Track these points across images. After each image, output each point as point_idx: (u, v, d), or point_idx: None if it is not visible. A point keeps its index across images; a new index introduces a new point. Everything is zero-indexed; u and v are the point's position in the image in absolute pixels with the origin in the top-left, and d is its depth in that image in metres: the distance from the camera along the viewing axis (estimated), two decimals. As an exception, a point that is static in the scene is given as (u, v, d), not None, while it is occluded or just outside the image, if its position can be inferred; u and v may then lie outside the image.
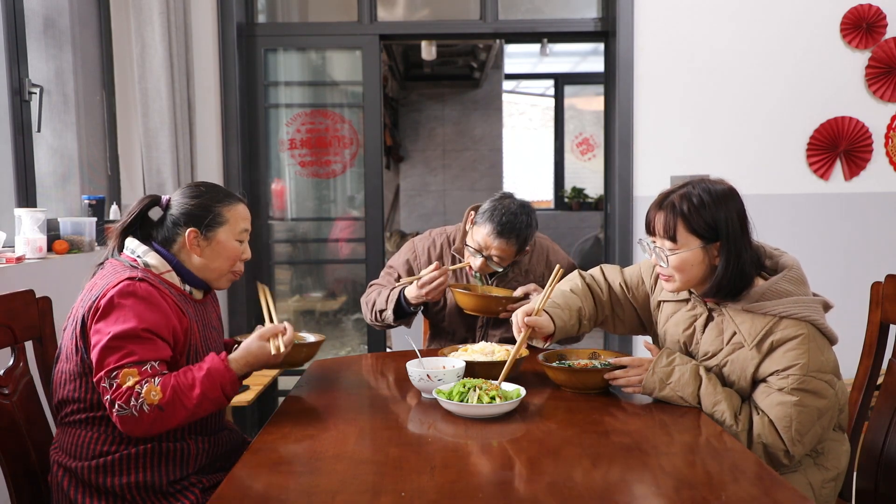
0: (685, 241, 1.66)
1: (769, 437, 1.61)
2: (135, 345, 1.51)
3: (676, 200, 1.68)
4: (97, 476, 1.57)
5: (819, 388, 1.60)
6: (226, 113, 3.53)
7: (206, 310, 1.78)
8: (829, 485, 1.71)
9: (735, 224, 1.65)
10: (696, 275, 1.69)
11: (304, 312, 4.08)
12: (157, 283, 1.60)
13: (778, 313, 1.62)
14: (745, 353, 1.66)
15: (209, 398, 1.53)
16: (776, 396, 1.61)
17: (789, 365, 1.59)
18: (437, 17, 4.12)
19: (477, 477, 1.33)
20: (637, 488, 1.28)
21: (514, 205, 2.25)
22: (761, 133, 3.45)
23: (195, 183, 1.77)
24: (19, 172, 2.53)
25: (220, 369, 1.56)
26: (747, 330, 1.65)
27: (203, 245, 1.70)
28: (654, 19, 3.43)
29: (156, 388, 1.48)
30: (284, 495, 1.26)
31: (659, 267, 1.73)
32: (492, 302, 2.22)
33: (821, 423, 1.63)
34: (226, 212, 1.72)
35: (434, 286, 2.23)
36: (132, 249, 1.68)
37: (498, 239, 2.23)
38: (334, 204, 3.94)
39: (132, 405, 1.47)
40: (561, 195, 7.90)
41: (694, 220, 1.65)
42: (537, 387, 1.87)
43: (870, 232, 3.45)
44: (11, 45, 2.49)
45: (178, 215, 1.70)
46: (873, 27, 3.38)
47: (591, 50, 7.14)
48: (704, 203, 1.65)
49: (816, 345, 1.61)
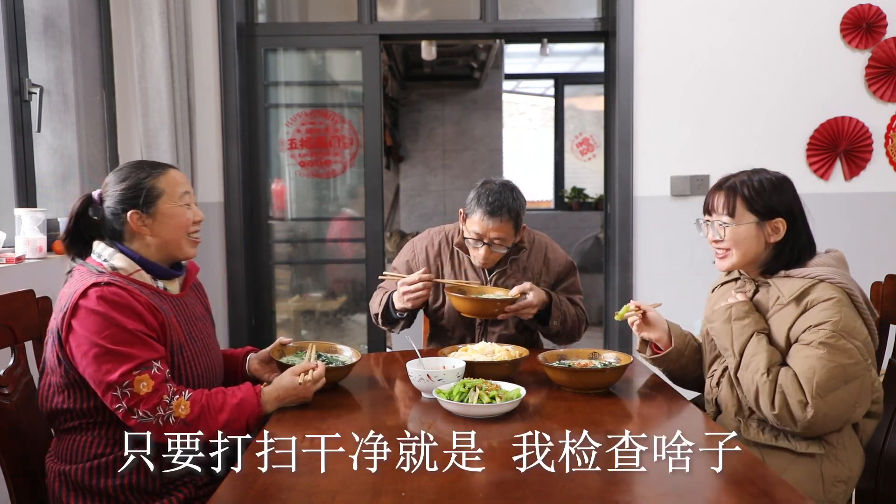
0: (742, 216, 1.78)
1: (790, 387, 1.63)
2: (129, 348, 1.51)
3: (737, 183, 1.80)
4: (90, 478, 1.57)
5: (847, 348, 1.63)
6: (226, 113, 3.53)
7: (187, 303, 1.75)
8: (839, 485, 1.69)
9: (797, 204, 1.79)
10: (752, 250, 1.79)
11: (304, 312, 4.08)
12: (125, 285, 1.58)
13: (817, 276, 1.71)
14: (783, 311, 1.73)
15: (232, 427, 1.55)
16: (804, 350, 1.66)
17: (822, 321, 1.65)
18: (437, 17, 4.12)
19: (477, 477, 1.33)
20: (637, 488, 1.28)
21: (496, 185, 2.28)
22: (761, 133, 3.45)
23: (118, 167, 1.73)
24: (19, 172, 2.53)
25: (253, 403, 1.60)
26: (787, 289, 1.74)
27: (149, 223, 1.66)
28: (654, 19, 3.43)
29: (185, 402, 1.51)
30: (284, 495, 1.26)
31: (714, 243, 1.83)
32: (488, 304, 2.21)
33: (848, 389, 1.63)
34: (158, 183, 1.67)
35: (415, 295, 2.23)
36: (98, 253, 1.65)
37: (491, 220, 2.23)
38: (334, 204, 3.94)
39: (158, 415, 1.49)
40: (561, 195, 7.90)
41: (753, 199, 1.77)
42: (537, 387, 1.87)
43: (870, 232, 3.45)
44: (11, 45, 2.50)
45: (113, 205, 1.66)
46: (873, 27, 3.37)
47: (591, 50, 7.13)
48: (764, 185, 1.78)
49: (850, 312, 1.67)
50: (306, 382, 1.68)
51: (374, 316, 2.45)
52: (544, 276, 2.39)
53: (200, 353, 1.72)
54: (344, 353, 1.99)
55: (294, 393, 1.67)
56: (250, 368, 1.91)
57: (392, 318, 2.38)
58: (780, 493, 1.25)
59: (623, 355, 1.94)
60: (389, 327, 2.42)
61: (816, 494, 1.66)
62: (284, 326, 4.03)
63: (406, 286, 2.25)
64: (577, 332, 2.39)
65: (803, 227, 1.79)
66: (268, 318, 3.82)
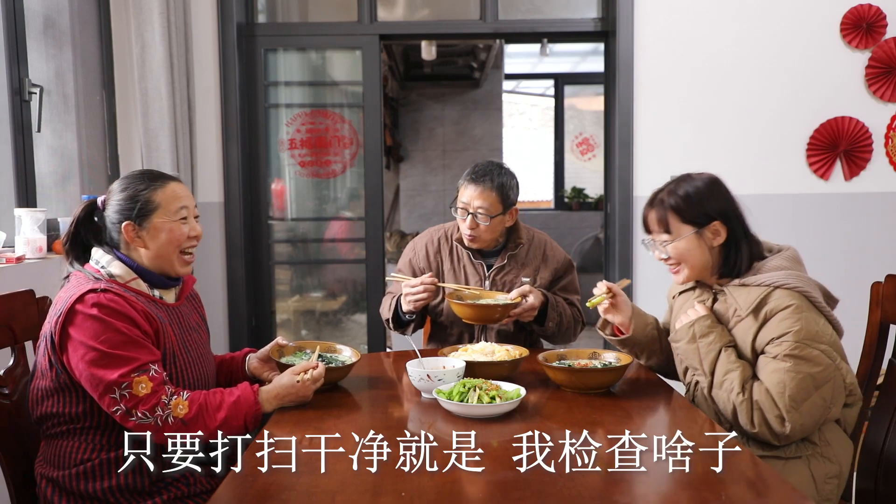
0: (679, 230, 1.78)
1: (766, 403, 1.64)
2: (125, 352, 1.51)
3: (665, 196, 1.80)
4: (79, 483, 1.57)
5: (812, 355, 1.63)
6: (226, 113, 3.53)
7: (182, 313, 1.76)
8: (831, 481, 1.70)
9: (730, 204, 1.78)
10: (699, 260, 1.79)
11: (304, 312, 4.08)
12: (121, 292, 1.58)
13: (771, 283, 1.70)
14: (743, 324, 1.73)
15: (230, 425, 1.55)
16: (771, 364, 1.66)
17: (783, 332, 1.65)
18: (437, 17, 4.12)
19: (477, 477, 1.33)
20: (637, 488, 1.28)
21: (485, 161, 2.37)
22: (761, 133, 3.45)
23: (123, 175, 1.73)
24: (19, 172, 2.53)
25: (250, 401, 1.59)
26: (743, 300, 1.73)
27: (143, 235, 1.66)
28: (654, 19, 3.43)
29: (184, 401, 1.51)
30: (284, 495, 1.26)
31: (663, 260, 1.82)
32: (489, 310, 2.20)
33: (821, 394, 1.64)
34: (155, 196, 1.67)
35: (415, 297, 2.25)
36: (97, 260, 1.65)
37: (474, 186, 2.28)
38: (334, 204, 3.94)
39: (157, 415, 1.49)
40: (561, 195, 7.90)
41: (683, 210, 1.77)
42: (537, 387, 1.87)
43: (870, 232, 3.45)
44: (11, 45, 2.50)
45: (112, 213, 1.67)
46: (873, 27, 3.37)
47: (591, 50, 7.13)
48: (690, 193, 1.77)
49: (810, 315, 1.66)
50: (305, 381, 1.68)
51: (385, 321, 2.48)
52: (542, 273, 2.39)
53: (194, 363, 1.72)
54: (343, 352, 1.99)
55: (293, 392, 1.67)
56: (250, 367, 1.91)
57: (402, 320, 2.39)
58: (780, 493, 1.25)
59: (623, 355, 1.94)
60: (402, 330, 2.43)
61: (810, 494, 1.66)
62: (284, 326, 4.03)
63: (408, 288, 2.27)
64: (573, 333, 2.39)
65: (741, 225, 1.78)
66: (268, 318, 3.82)
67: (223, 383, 1.91)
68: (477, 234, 2.32)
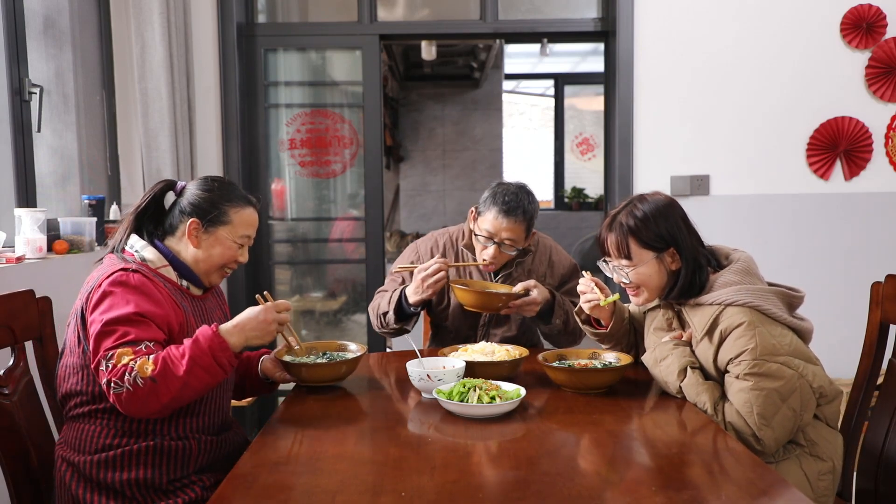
0: (639, 256, 1.79)
1: (738, 424, 1.65)
2: (128, 327, 1.52)
3: (623, 220, 1.80)
4: (99, 471, 1.58)
5: (773, 370, 1.63)
6: (226, 113, 3.53)
7: (206, 306, 1.78)
8: (825, 477, 1.71)
9: (682, 229, 1.79)
10: (658, 283, 1.80)
11: (304, 312, 4.08)
12: (150, 276, 1.62)
13: (721, 302, 1.71)
14: (702, 345, 1.74)
15: (199, 364, 1.49)
16: (735, 384, 1.67)
17: (740, 352, 1.66)
18: (437, 17, 4.12)
19: (477, 477, 1.33)
20: (637, 488, 1.28)
21: (513, 186, 2.29)
22: (761, 133, 3.45)
23: (212, 177, 1.78)
24: (19, 172, 2.53)
25: (208, 334, 1.53)
26: (698, 322, 1.75)
27: (202, 237, 1.71)
28: (654, 19, 3.43)
29: (149, 361, 1.48)
30: (284, 495, 1.26)
31: (623, 283, 1.83)
32: (492, 298, 2.21)
33: (789, 405, 1.64)
34: (232, 213, 1.73)
35: (435, 279, 2.22)
36: (132, 245, 1.69)
37: (506, 219, 2.23)
38: (334, 204, 3.94)
39: (126, 380, 1.45)
40: (561, 195, 7.90)
41: (643, 235, 1.77)
42: (537, 387, 1.87)
43: (870, 232, 3.45)
44: (11, 45, 2.49)
45: (186, 204, 1.72)
46: (873, 27, 3.38)
47: (591, 50, 7.13)
48: (648, 217, 1.77)
49: (765, 329, 1.66)
50: (267, 307, 1.64)
51: (378, 318, 2.40)
52: (549, 279, 2.40)
53: None
54: (349, 346, 2.02)
55: (254, 319, 1.62)
56: (262, 368, 1.93)
57: (406, 314, 2.34)
58: (780, 492, 1.25)
59: (623, 355, 1.94)
60: (401, 325, 2.37)
61: (806, 493, 1.66)
62: (284, 326, 4.02)
63: (424, 273, 2.22)
64: (579, 334, 2.39)
65: (690, 249, 1.77)
66: (268, 318, 3.81)
67: (238, 382, 1.92)
68: (498, 262, 2.31)
